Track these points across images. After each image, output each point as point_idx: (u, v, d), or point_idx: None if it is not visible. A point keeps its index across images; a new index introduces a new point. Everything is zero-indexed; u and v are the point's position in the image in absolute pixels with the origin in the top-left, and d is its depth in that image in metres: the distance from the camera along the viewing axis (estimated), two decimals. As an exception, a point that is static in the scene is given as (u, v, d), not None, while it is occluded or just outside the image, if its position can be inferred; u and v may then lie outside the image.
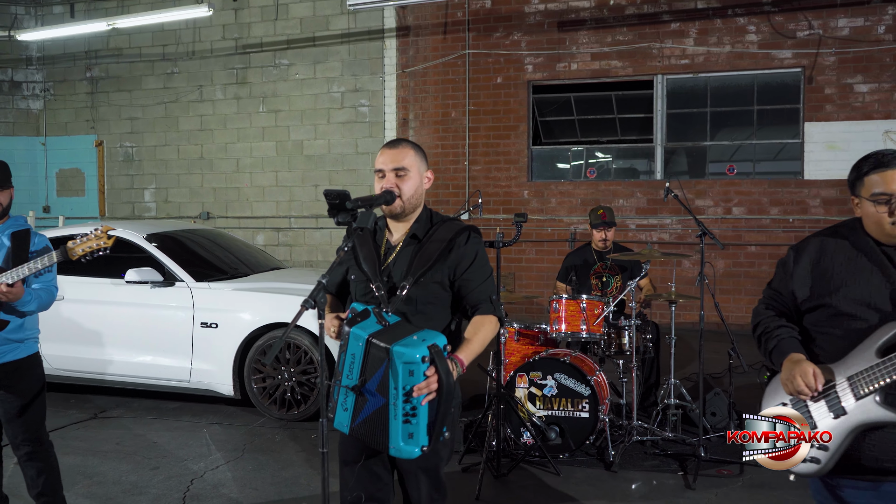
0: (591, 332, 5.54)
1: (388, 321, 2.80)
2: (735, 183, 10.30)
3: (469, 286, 2.94)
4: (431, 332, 2.75)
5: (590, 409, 5.27)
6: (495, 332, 2.96)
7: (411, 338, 2.69)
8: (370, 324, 2.79)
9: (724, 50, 10.17)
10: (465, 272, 2.94)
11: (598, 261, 6.38)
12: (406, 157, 2.97)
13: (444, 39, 11.30)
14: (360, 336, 2.74)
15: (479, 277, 2.95)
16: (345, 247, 2.75)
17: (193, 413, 6.52)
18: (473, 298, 2.93)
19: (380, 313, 2.82)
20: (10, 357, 3.88)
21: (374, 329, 2.77)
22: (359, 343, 2.75)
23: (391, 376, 2.67)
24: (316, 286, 2.66)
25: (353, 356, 2.77)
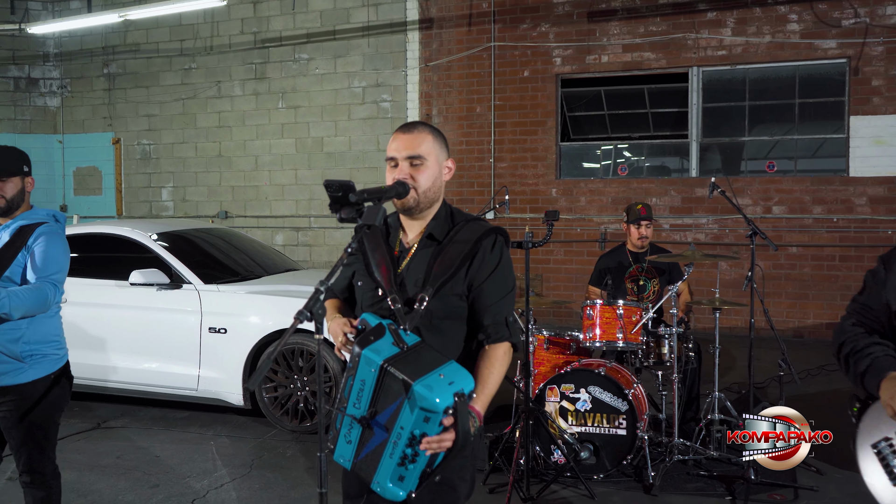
0: (629, 340, 5.08)
1: (406, 342, 2.38)
2: (775, 180, 9.76)
3: (482, 301, 2.51)
4: (458, 369, 2.32)
5: (627, 426, 4.81)
6: (509, 363, 2.54)
7: (436, 376, 2.26)
8: (385, 344, 2.37)
9: (763, 40, 9.64)
10: (483, 283, 2.50)
11: (633, 263, 5.91)
12: (423, 143, 2.54)
13: (468, 32, 10.86)
14: (373, 360, 2.32)
15: (496, 292, 2.52)
16: (351, 246, 2.32)
17: (201, 424, 6.14)
18: (486, 318, 2.51)
19: (396, 332, 2.40)
20: (9, 381, 3.25)
21: (390, 352, 2.34)
22: (371, 369, 2.32)
23: (402, 414, 2.26)
24: (313, 295, 2.24)
25: (363, 383, 2.35)
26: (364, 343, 2.36)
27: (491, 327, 2.50)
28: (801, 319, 9.68)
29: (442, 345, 2.49)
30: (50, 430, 3.38)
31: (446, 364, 2.35)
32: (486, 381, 2.45)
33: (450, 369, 2.33)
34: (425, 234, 2.57)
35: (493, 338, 2.50)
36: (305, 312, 2.20)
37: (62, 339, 3.43)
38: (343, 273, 2.79)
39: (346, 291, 2.76)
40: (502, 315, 2.52)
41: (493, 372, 2.46)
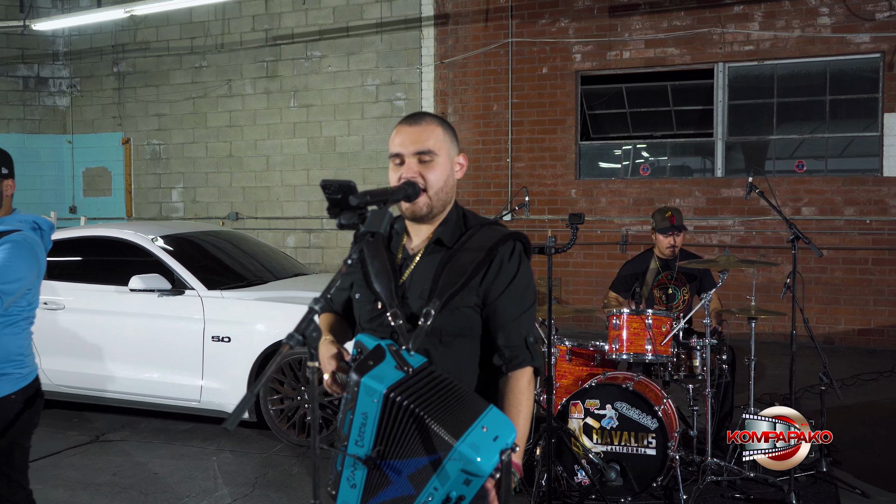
0: (658, 353, 4.73)
1: (411, 364, 2.05)
2: (805, 180, 9.37)
3: (497, 318, 2.17)
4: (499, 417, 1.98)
5: (657, 445, 4.46)
6: (534, 392, 2.22)
7: (479, 430, 1.92)
8: (387, 369, 2.04)
9: (792, 34, 9.25)
10: (499, 296, 2.17)
11: (662, 269, 5.55)
12: (432, 137, 2.21)
13: (485, 27, 10.53)
14: (374, 390, 1.99)
15: (513, 308, 2.18)
16: (350, 258, 2.00)
17: (204, 437, 5.84)
18: (502, 338, 2.17)
19: (398, 353, 2.07)
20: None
21: (394, 377, 2.01)
22: (373, 399, 1.99)
23: (440, 474, 1.93)
24: (306, 315, 1.92)
25: (365, 416, 2.02)
26: (362, 369, 2.02)
27: (508, 350, 2.17)
28: (832, 325, 9.28)
29: (454, 367, 2.17)
30: (15, 456, 3.05)
31: (487, 411, 2.01)
32: (518, 423, 2.11)
33: (492, 419, 1.99)
34: (433, 238, 2.24)
35: (512, 363, 2.16)
36: (296, 336, 1.87)
37: (27, 356, 3.09)
38: (343, 284, 2.47)
39: (347, 307, 2.44)
40: (521, 335, 2.18)
41: (521, 410, 2.13)
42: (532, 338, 2.21)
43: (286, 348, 1.86)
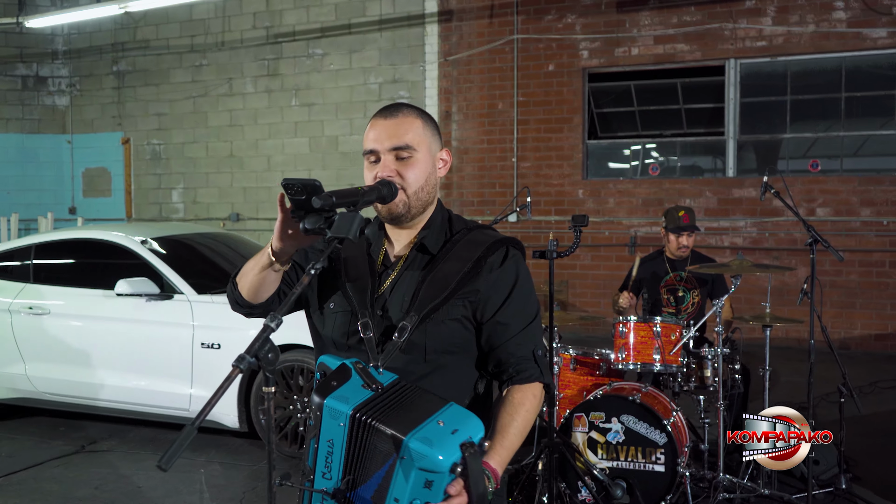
0: (667, 362, 4.47)
1: (381, 382, 1.81)
2: (819, 180, 9.08)
3: (502, 334, 1.93)
4: (461, 412, 1.76)
5: (666, 461, 4.20)
6: (539, 409, 1.96)
7: (434, 424, 1.70)
8: (353, 389, 1.80)
9: (807, 30, 8.96)
10: (497, 312, 1.93)
11: (670, 271, 5.29)
12: (410, 131, 1.96)
13: (490, 24, 10.28)
14: (339, 412, 1.75)
15: (518, 321, 1.94)
16: (314, 267, 1.76)
17: (193, 447, 5.60)
18: (508, 355, 1.93)
19: (365, 371, 1.83)
20: None
21: (362, 397, 1.78)
22: (338, 423, 1.76)
23: (395, 481, 1.69)
24: (260, 333, 1.69)
25: (331, 444, 1.78)
26: (324, 391, 1.79)
27: (514, 365, 1.93)
28: (848, 330, 8.99)
29: (444, 389, 1.92)
30: None
31: (445, 408, 1.77)
32: (506, 430, 1.87)
33: (451, 414, 1.76)
34: (415, 245, 2.00)
35: (518, 377, 1.93)
36: (247, 358, 1.64)
37: None
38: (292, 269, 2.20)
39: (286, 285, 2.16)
40: (528, 348, 1.94)
41: (515, 419, 1.88)
42: (540, 350, 1.97)
43: (236, 372, 1.63)
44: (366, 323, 1.91)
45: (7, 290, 6.06)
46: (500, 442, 1.85)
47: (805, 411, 5.81)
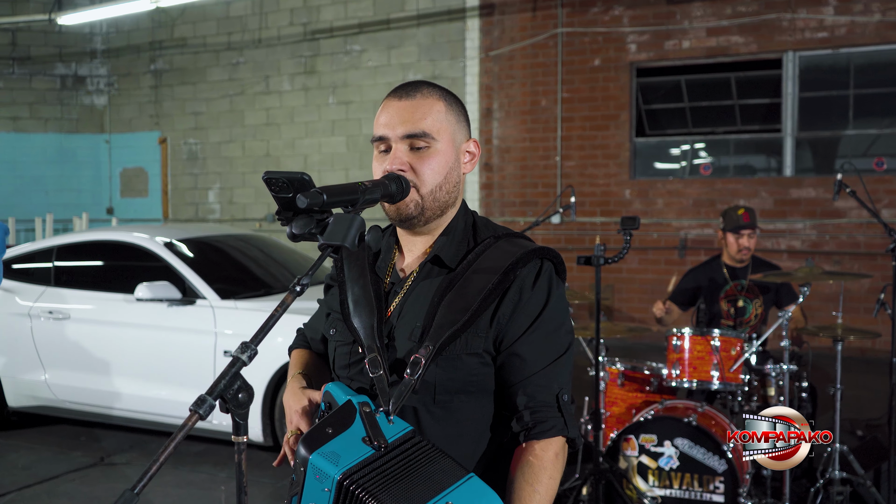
0: (727, 380, 4.04)
1: (385, 436, 1.45)
2: (885, 180, 8.51)
3: (519, 370, 1.56)
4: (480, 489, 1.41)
5: (725, 490, 3.78)
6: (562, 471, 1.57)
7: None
8: (350, 442, 1.44)
9: (872, 19, 8.40)
10: (516, 341, 1.55)
11: (730, 279, 4.83)
12: (429, 115, 1.60)
13: (533, 18, 9.87)
14: (325, 473, 1.41)
15: (541, 356, 1.56)
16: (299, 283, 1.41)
17: (216, 461, 5.31)
18: (526, 399, 1.55)
19: (372, 418, 1.47)
20: None
21: (357, 456, 1.42)
22: (323, 487, 1.42)
23: None
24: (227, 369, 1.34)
25: None
26: (315, 441, 1.44)
27: (532, 412, 1.54)
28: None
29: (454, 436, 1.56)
30: None
31: (461, 482, 1.41)
32: (527, 501, 1.49)
33: (466, 492, 1.39)
34: (429, 256, 1.63)
35: (537, 429, 1.53)
36: (209, 401, 1.29)
37: None
38: (319, 313, 1.88)
39: (324, 344, 1.84)
40: (551, 392, 1.56)
41: (537, 489, 1.50)
42: (567, 395, 1.58)
43: (194, 417, 1.28)
44: (374, 359, 1.55)
45: (27, 293, 5.84)
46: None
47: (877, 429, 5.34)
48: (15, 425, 5.98)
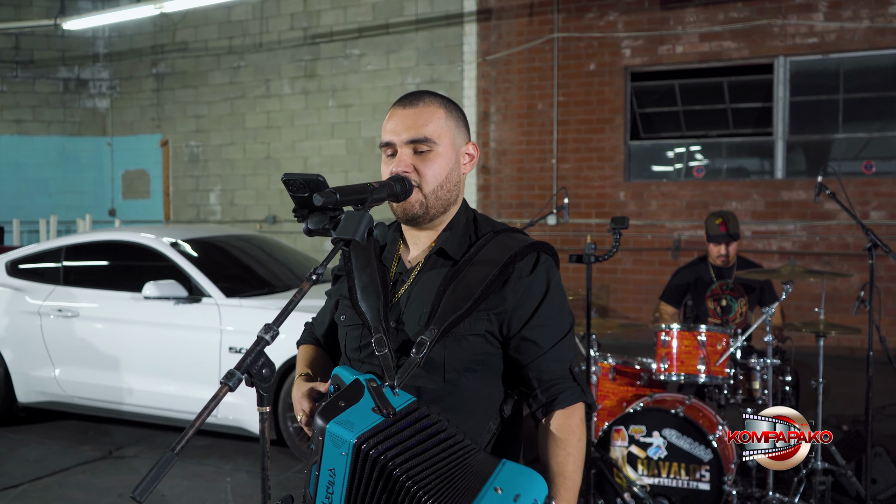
0: (713, 374, 4.22)
1: (394, 406, 1.63)
2: (873, 182, 8.70)
3: (532, 351, 1.74)
4: (516, 470, 1.58)
5: (711, 479, 3.96)
6: (586, 433, 1.77)
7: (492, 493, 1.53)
8: (361, 412, 1.62)
9: (861, 25, 8.60)
10: (525, 325, 1.73)
11: (716, 278, 5.02)
12: (431, 122, 1.78)
13: (529, 22, 10.06)
14: (341, 440, 1.58)
15: (549, 335, 1.74)
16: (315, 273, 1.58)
17: (221, 455, 5.48)
18: (541, 374, 1.73)
19: (379, 391, 1.65)
20: None
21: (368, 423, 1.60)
22: (340, 451, 1.58)
23: None
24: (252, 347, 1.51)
25: (333, 473, 1.61)
26: (329, 413, 1.61)
27: (550, 387, 1.73)
28: (904, 339, 8.58)
29: (464, 412, 1.74)
30: None
31: (499, 468, 1.59)
32: (564, 470, 1.68)
33: (507, 474, 1.58)
34: (434, 249, 1.81)
35: (558, 400, 1.72)
36: (238, 374, 1.46)
37: None
38: (328, 304, 2.05)
39: (332, 334, 2.01)
40: (563, 365, 1.75)
41: (570, 453, 1.69)
42: (577, 367, 1.77)
43: (224, 390, 1.45)
44: (380, 339, 1.72)
45: (37, 292, 6.01)
46: (564, 486, 1.67)
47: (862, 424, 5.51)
48: (24, 420, 6.14)
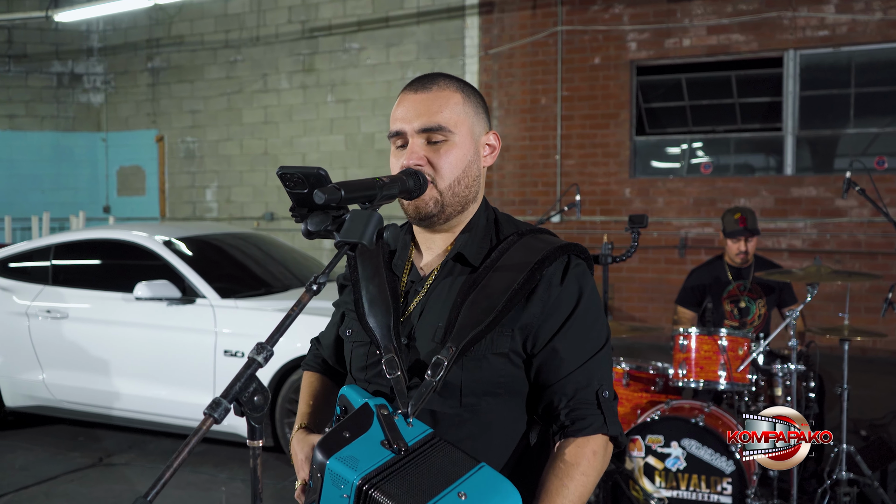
0: (734, 381, 4.01)
1: (405, 439, 1.41)
2: (886, 178, 8.48)
3: (556, 370, 1.51)
4: (492, 477, 1.37)
5: (733, 492, 3.75)
6: (602, 471, 1.52)
7: (454, 497, 1.31)
8: (368, 446, 1.39)
9: (873, 18, 8.38)
10: (550, 340, 1.51)
11: (734, 279, 4.80)
12: (446, 108, 1.55)
13: (532, 15, 9.83)
14: (343, 479, 1.36)
15: (577, 353, 1.51)
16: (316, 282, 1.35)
17: (216, 462, 5.26)
18: (563, 397, 1.51)
19: (390, 420, 1.42)
20: None
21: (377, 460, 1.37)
22: (342, 493, 1.37)
23: None
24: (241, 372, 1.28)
25: None
26: (331, 445, 1.39)
27: (570, 410, 1.50)
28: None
29: (484, 440, 1.51)
30: None
31: (472, 471, 1.37)
32: (554, 497, 1.45)
33: (478, 481, 1.36)
34: (451, 254, 1.58)
35: (575, 426, 1.49)
36: (224, 404, 1.24)
37: None
38: (333, 319, 1.82)
39: (337, 352, 1.78)
40: (590, 389, 1.51)
41: (566, 484, 1.45)
42: (608, 392, 1.53)
43: (209, 421, 1.23)
44: (391, 360, 1.49)
45: (25, 292, 5.78)
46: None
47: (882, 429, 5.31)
48: (12, 425, 5.92)
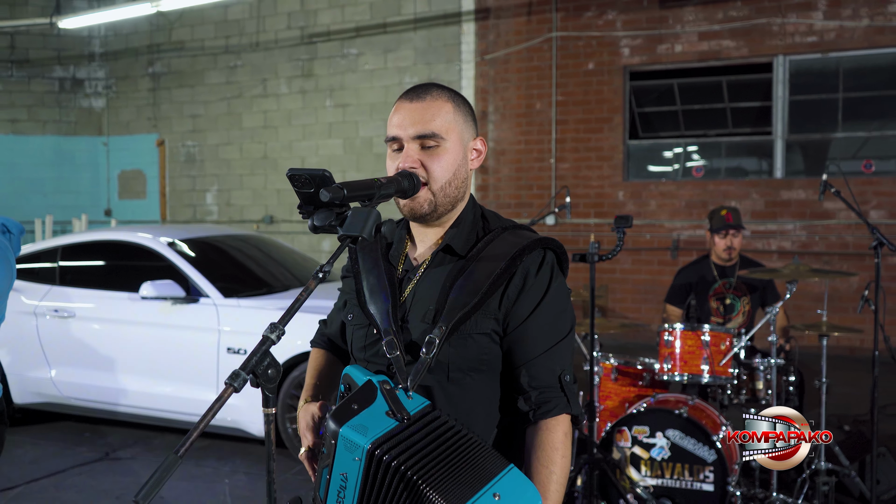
0: (717, 374, 4.18)
1: (407, 409, 1.59)
2: (873, 181, 8.67)
3: (523, 349, 1.70)
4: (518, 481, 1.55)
5: (715, 479, 3.92)
6: (571, 448, 1.73)
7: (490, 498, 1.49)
8: (375, 416, 1.57)
9: (860, 24, 8.57)
10: (520, 325, 1.70)
11: (719, 277, 4.99)
12: (438, 116, 1.74)
13: (528, 21, 10.02)
14: (355, 445, 1.53)
15: (543, 337, 1.70)
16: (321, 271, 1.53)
17: (220, 456, 5.43)
18: (529, 379, 1.69)
19: (393, 394, 1.60)
20: None
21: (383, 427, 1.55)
22: (353, 456, 1.54)
23: None
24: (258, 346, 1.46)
25: (345, 478, 1.57)
26: (342, 416, 1.56)
27: (536, 392, 1.69)
28: (904, 338, 8.55)
29: (466, 412, 1.70)
30: None
31: (503, 473, 1.55)
32: (547, 487, 1.64)
33: (509, 483, 1.54)
34: (441, 245, 1.77)
35: (542, 409, 1.68)
36: (243, 375, 1.42)
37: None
38: (337, 304, 2.01)
39: (342, 333, 1.96)
40: (554, 373, 1.70)
41: (553, 471, 1.65)
42: (569, 376, 1.72)
43: (229, 391, 1.41)
44: (391, 341, 1.67)
45: (33, 292, 5.95)
46: (545, 496, 1.62)
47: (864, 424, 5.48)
48: (20, 422, 6.08)
